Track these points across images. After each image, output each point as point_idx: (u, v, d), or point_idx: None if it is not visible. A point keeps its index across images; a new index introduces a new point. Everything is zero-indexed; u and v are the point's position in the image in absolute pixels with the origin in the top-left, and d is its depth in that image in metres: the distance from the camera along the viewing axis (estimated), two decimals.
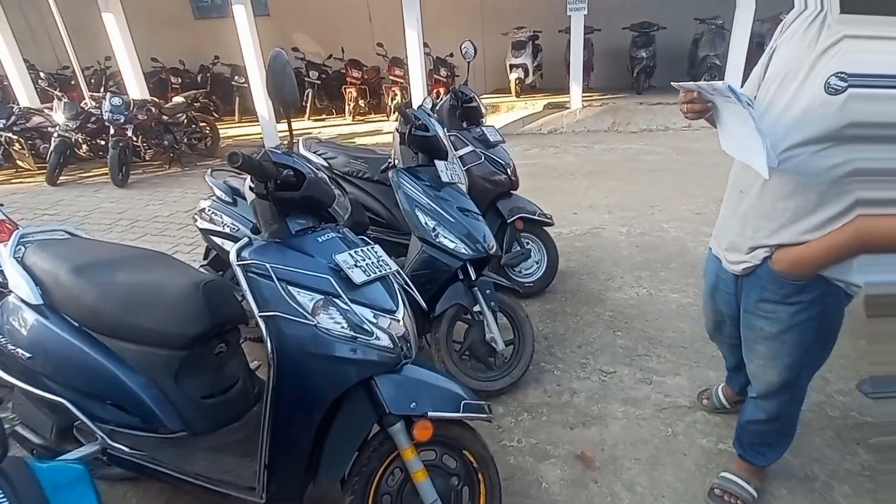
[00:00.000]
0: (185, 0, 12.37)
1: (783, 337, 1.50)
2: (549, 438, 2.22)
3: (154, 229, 5.19)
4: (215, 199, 2.60)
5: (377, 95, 10.79)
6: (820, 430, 2.17)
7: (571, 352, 2.79)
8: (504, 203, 3.19)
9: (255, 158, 1.34)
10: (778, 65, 1.34)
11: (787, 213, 1.33)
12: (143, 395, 1.63)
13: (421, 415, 1.46)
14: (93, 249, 1.87)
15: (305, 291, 1.38)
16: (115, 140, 6.54)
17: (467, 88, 3.35)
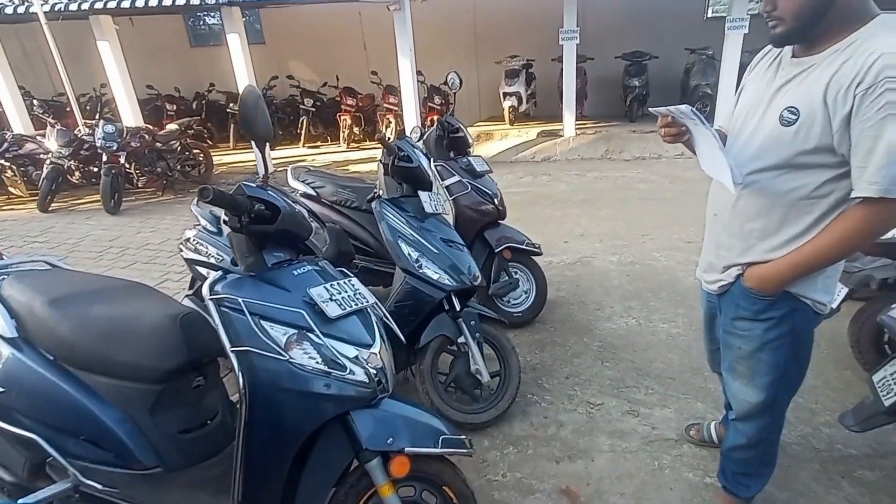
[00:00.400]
0: (181, 28, 12.63)
1: (759, 356, 1.59)
2: (534, 472, 2.21)
3: (144, 257, 5.21)
4: (201, 229, 2.64)
5: (372, 123, 10.94)
6: (806, 464, 2.18)
7: (559, 383, 2.79)
8: (491, 233, 3.23)
9: (226, 192, 1.36)
10: (744, 101, 1.53)
11: (754, 233, 1.48)
12: (117, 430, 1.62)
13: (398, 450, 1.46)
14: (71, 281, 1.89)
15: (279, 326, 1.39)
16: (108, 167, 6.60)
17: (454, 119, 3.42)
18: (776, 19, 1.31)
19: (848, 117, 1.22)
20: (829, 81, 1.25)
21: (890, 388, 1.83)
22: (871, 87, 1.17)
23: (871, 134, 1.19)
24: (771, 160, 1.38)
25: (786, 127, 1.32)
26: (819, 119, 1.27)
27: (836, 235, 1.33)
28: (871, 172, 1.21)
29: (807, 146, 1.30)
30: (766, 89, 1.43)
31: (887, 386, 1.84)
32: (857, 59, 1.20)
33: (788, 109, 1.32)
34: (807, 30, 1.29)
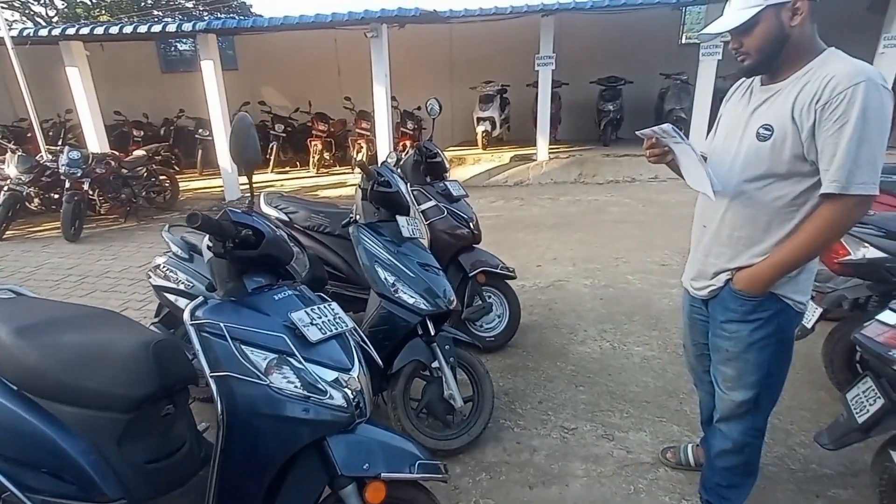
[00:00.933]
0: (152, 54, 12.67)
1: (745, 356, 1.74)
2: (507, 499, 2.23)
3: (104, 285, 5.14)
4: (171, 256, 2.63)
5: (342, 148, 11.07)
6: (782, 485, 2.25)
7: (532, 408, 2.83)
8: (466, 257, 3.29)
9: (213, 218, 1.40)
10: (723, 126, 1.78)
11: (741, 240, 1.67)
12: (81, 462, 1.60)
13: (374, 476, 1.48)
14: (38, 309, 1.87)
15: (259, 350, 1.42)
16: (70, 194, 6.52)
17: (431, 144, 3.52)
18: (743, 54, 1.57)
19: (812, 129, 1.47)
20: (794, 101, 1.50)
21: (863, 405, 1.93)
22: (828, 103, 1.43)
23: (832, 141, 1.44)
24: (754, 172, 1.60)
25: (762, 142, 1.56)
26: (790, 133, 1.51)
27: (809, 233, 1.54)
28: (832, 172, 1.45)
29: (783, 156, 1.53)
30: (742, 114, 1.68)
31: (860, 403, 1.94)
32: (815, 82, 1.47)
33: (763, 127, 1.57)
34: (769, 62, 1.56)
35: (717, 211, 1.71)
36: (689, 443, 2.40)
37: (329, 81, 11.84)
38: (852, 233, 2.65)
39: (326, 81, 11.82)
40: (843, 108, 1.40)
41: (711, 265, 1.76)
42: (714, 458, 1.94)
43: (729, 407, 1.83)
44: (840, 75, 1.42)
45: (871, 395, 1.93)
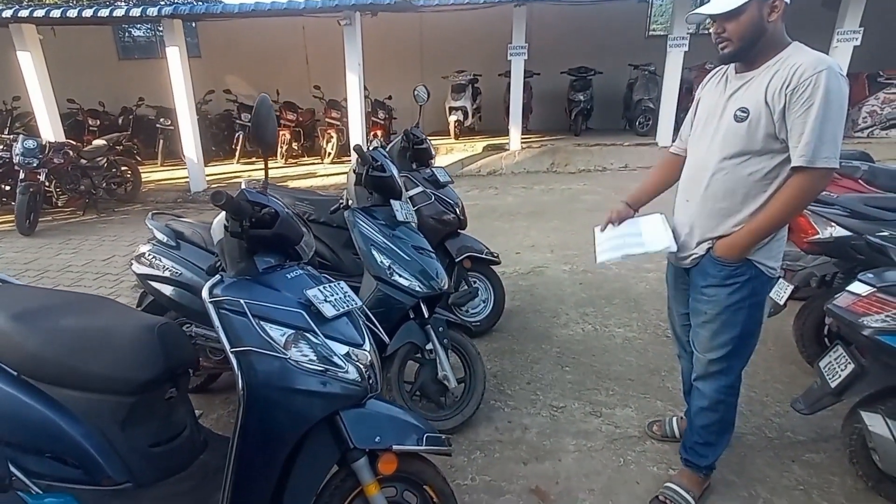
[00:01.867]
0: (109, 40, 12.26)
1: (722, 317, 1.92)
2: (502, 475, 2.32)
3: (66, 280, 5.01)
4: (156, 243, 2.61)
5: (311, 138, 10.95)
6: (760, 451, 2.41)
7: (521, 389, 2.93)
8: (452, 242, 3.37)
9: (233, 197, 1.44)
10: (702, 111, 1.98)
11: (722, 211, 1.86)
12: (86, 445, 1.61)
13: (385, 448, 1.54)
14: (30, 295, 1.86)
15: (277, 326, 1.46)
16: (25, 185, 6.30)
17: (418, 131, 3.57)
18: (725, 40, 1.73)
19: (783, 111, 1.67)
20: (767, 86, 1.70)
21: (835, 371, 2.12)
22: (796, 88, 1.64)
23: (800, 121, 1.65)
24: (732, 150, 1.80)
25: (739, 123, 1.76)
26: (764, 114, 1.71)
27: (780, 202, 1.75)
28: (801, 148, 1.66)
29: (757, 135, 1.73)
30: (719, 99, 1.87)
31: (832, 370, 2.14)
32: (784, 70, 1.68)
33: (740, 109, 1.77)
34: (747, 50, 1.74)
35: (699, 186, 1.90)
36: (674, 416, 2.54)
37: (297, 70, 11.69)
38: (820, 213, 2.83)
39: (294, 70, 11.67)
40: (810, 92, 1.61)
41: (695, 236, 1.94)
42: (693, 417, 2.11)
43: (705, 366, 2.02)
44: (805, 64, 1.63)
45: (842, 362, 2.12)
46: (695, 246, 1.95)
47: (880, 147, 7.91)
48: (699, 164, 1.91)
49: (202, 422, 2.25)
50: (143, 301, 2.88)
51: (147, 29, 12.81)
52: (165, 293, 2.53)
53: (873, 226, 2.58)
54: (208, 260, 2.32)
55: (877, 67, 9.14)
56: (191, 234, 2.62)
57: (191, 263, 2.51)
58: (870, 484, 2.13)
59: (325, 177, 9.15)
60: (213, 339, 2.50)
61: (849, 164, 3.54)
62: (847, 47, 8.16)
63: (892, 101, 9.07)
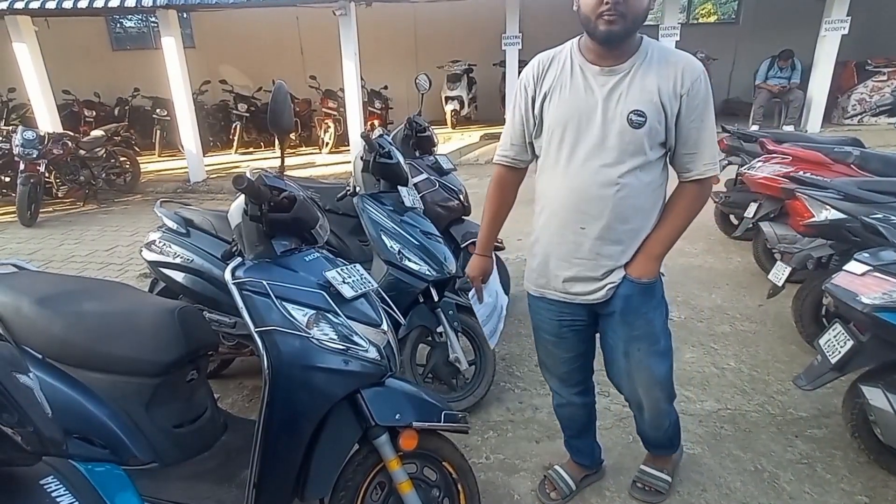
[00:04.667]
0: (102, 31, 12.08)
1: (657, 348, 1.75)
2: (516, 453, 2.35)
3: (71, 269, 4.99)
4: (166, 231, 2.61)
5: (308, 128, 10.88)
6: (764, 428, 2.45)
7: (530, 370, 2.96)
8: (457, 228, 3.38)
9: (254, 181, 1.45)
10: (563, 111, 1.60)
11: (631, 233, 1.64)
12: (112, 426, 1.63)
13: (405, 425, 1.56)
14: (51, 281, 1.87)
15: (299, 307, 1.48)
16: (26, 176, 6.22)
17: (420, 119, 3.57)
18: (618, 15, 1.41)
19: (677, 116, 1.52)
20: (658, 87, 1.50)
21: (835, 348, 2.16)
22: (689, 92, 1.50)
23: (695, 128, 1.53)
24: (632, 162, 1.55)
25: (638, 129, 1.51)
26: (661, 118, 1.51)
27: (683, 211, 1.64)
28: (705, 157, 1.56)
29: (655, 141, 1.54)
30: (587, 98, 1.55)
31: (832, 347, 2.17)
32: (668, 69, 1.50)
33: (635, 112, 1.50)
34: (629, 33, 1.48)
35: (596, 208, 1.59)
36: (557, 465, 2.18)
37: (292, 60, 11.57)
38: (815, 197, 2.87)
39: (289, 60, 11.54)
40: (702, 96, 1.50)
41: (602, 266, 1.66)
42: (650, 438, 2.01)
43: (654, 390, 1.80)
44: (688, 65, 1.51)
45: (841, 339, 2.15)
46: (603, 276, 1.67)
47: (870, 134, 7.94)
48: (586, 183, 1.58)
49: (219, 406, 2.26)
50: (154, 288, 2.88)
51: (140, 20, 12.63)
52: (177, 280, 2.54)
53: (867, 208, 2.62)
54: (219, 247, 2.33)
55: (864, 56, 9.18)
56: (200, 221, 2.62)
57: (202, 250, 2.51)
58: (871, 457, 2.18)
59: (324, 166, 9.10)
60: (226, 325, 2.50)
61: (841, 150, 3.58)
62: (835, 36, 8.18)
63: (881, 88, 9.10)
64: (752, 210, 3.90)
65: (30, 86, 8.12)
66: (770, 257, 3.88)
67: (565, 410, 2.05)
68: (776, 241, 3.47)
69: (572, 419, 2.07)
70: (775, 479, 2.16)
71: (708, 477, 2.17)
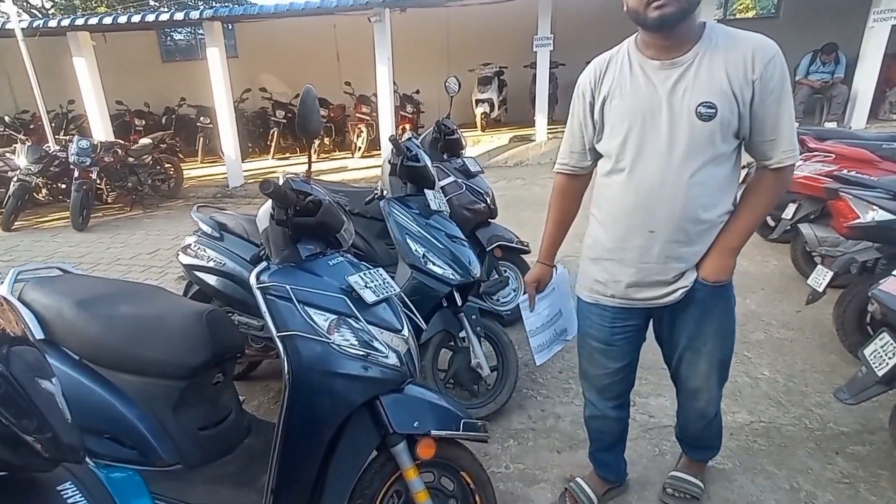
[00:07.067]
0: (153, 44, 12.53)
1: (723, 345, 1.71)
2: (536, 463, 2.27)
3: (116, 272, 5.14)
4: (201, 235, 2.65)
5: (342, 133, 11.01)
6: (801, 443, 2.29)
7: (553, 377, 2.87)
8: (483, 231, 3.32)
9: (280, 186, 1.45)
10: (626, 111, 1.53)
11: (702, 233, 1.55)
12: (141, 427, 1.65)
13: (424, 433, 1.52)
14: (91, 284, 1.91)
15: (320, 311, 1.46)
16: (79, 183, 6.48)
17: (449, 121, 3.54)
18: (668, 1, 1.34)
19: (750, 103, 1.41)
20: (727, 73, 1.40)
21: (882, 359, 1.98)
22: (762, 77, 1.39)
23: (772, 113, 1.42)
24: (704, 156, 1.46)
25: (708, 122, 1.42)
26: (731, 108, 1.42)
27: (761, 202, 1.55)
28: (783, 144, 1.45)
29: (728, 133, 1.45)
30: (650, 95, 1.47)
31: (879, 358, 2.00)
32: (736, 54, 1.40)
33: (704, 105, 1.41)
34: (683, 17, 1.38)
35: (666, 209, 1.51)
36: (579, 477, 2.07)
37: (328, 67, 11.73)
38: (861, 196, 2.69)
39: (325, 67, 11.70)
40: (777, 78, 1.39)
41: (673, 269, 1.58)
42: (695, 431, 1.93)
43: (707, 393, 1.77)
44: (759, 47, 1.40)
45: (889, 349, 1.98)
46: (674, 280, 1.59)
47: None
48: (656, 183, 1.50)
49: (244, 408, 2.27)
50: (189, 291, 2.92)
51: (188, 32, 13.01)
52: (210, 283, 2.57)
53: None
54: (251, 250, 2.34)
55: None
56: (234, 225, 2.64)
57: (234, 254, 2.53)
58: None
59: (356, 170, 9.19)
60: (255, 328, 2.52)
61: (890, 147, 3.36)
62: (885, 27, 7.64)
63: None
64: (791, 211, 3.71)
65: (86, 97, 8.49)
66: (809, 261, 3.69)
67: (597, 423, 1.95)
68: (816, 244, 3.28)
69: (603, 432, 1.96)
70: (813, 498, 2.01)
71: (739, 494, 2.04)
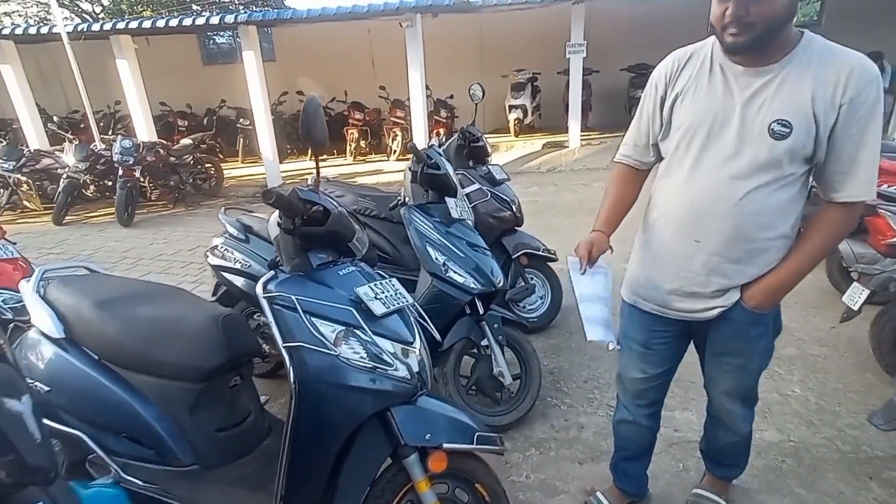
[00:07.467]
0: (195, 47, 12.84)
1: (751, 366, 1.62)
2: (557, 474, 2.21)
3: (157, 267, 5.28)
4: (228, 237, 2.67)
5: (378, 136, 11.06)
6: (832, 465, 2.17)
7: (577, 387, 2.80)
8: (509, 239, 3.26)
9: (285, 195, 1.42)
10: (695, 114, 1.42)
11: (752, 252, 1.43)
12: (158, 428, 1.66)
13: (436, 446, 1.48)
14: (113, 284, 1.93)
15: (328, 323, 1.43)
16: (124, 180, 6.70)
17: (474, 129, 3.49)
18: (745, 25, 1.24)
19: (832, 128, 1.27)
20: (813, 94, 1.27)
21: None
22: (853, 101, 1.24)
23: (854, 141, 1.27)
24: (767, 176, 1.35)
25: (779, 141, 1.30)
26: (809, 130, 1.28)
27: (824, 237, 1.40)
28: (861, 177, 1.30)
29: (799, 156, 1.32)
30: (725, 101, 1.37)
31: None
32: (830, 71, 1.25)
33: (780, 123, 1.29)
34: (768, 39, 1.27)
35: (718, 222, 1.41)
36: (599, 491, 2.03)
37: (363, 71, 11.82)
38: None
39: (361, 71, 11.80)
40: (868, 106, 1.24)
41: (713, 284, 1.48)
42: (720, 446, 1.86)
43: (733, 411, 1.72)
44: (856, 68, 1.24)
45: None
46: (714, 296, 1.50)
47: None
48: (708, 194, 1.41)
49: (269, 406, 2.28)
50: (218, 291, 2.97)
51: (228, 36, 13.30)
52: (236, 284, 2.59)
53: None
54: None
55: None
56: (259, 228, 2.66)
57: (259, 256, 2.55)
58: None
59: (391, 173, 9.21)
60: None
61: None
62: None
63: None
64: None
65: (130, 98, 8.77)
66: (846, 276, 3.50)
67: (627, 428, 1.89)
68: (853, 261, 3.11)
69: (631, 440, 1.91)
70: None
71: None
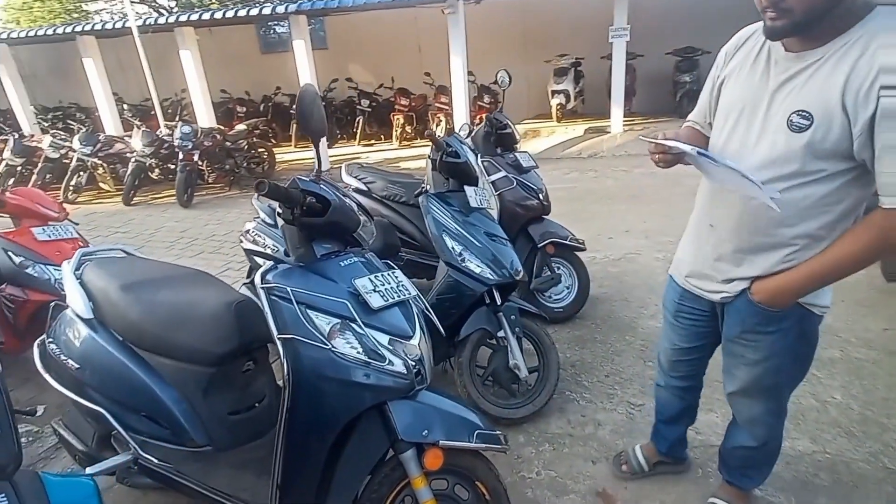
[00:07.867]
0: (253, 37, 13.07)
1: (765, 364, 1.47)
2: (569, 472, 2.10)
3: (210, 247, 5.42)
4: (259, 221, 2.68)
5: (423, 122, 10.97)
6: (876, 485, 1.93)
7: (599, 381, 2.66)
8: (535, 227, 3.12)
9: (281, 186, 1.36)
10: (732, 98, 1.34)
11: (762, 246, 1.32)
12: (174, 409, 1.67)
13: (433, 443, 1.41)
14: (143, 268, 1.95)
15: (323, 315, 1.38)
16: (183, 164, 6.92)
17: (502, 115, 3.35)
18: (782, 11, 1.10)
19: (872, 120, 1.06)
20: (845, 82, 1.08)
21: None
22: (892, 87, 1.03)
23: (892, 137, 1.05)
24: (781, 170, 1.21)
25: (796, 133, 1.16)
26: (837, 124, 1.11)
27: (860, 245, 1.18)
28: None
29: (821, 152, 1.15)
30: (760, 86, 1.25)
31: None
32: (876, 56, 1.05)
33: (799, 114, 1.15)
34: (812, 25, 1.11)
35: (730, 209, 1.33)
36: (636, 444, 2.05)
37: (410, 58, 11.72)
38: None
39: (407, 58, 11.70)
40: None
41: (723, 272, 1.41)
42: (732, 449, 1.74)
43: (747, 413, 1.62)
44: None
45: None
46: (722, 282, 1.43)
47: None
48: None
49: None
50: (251, 273, 2.99)
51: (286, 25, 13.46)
52: None
53: None
54: None
55: None
56: None
57: None
58: None
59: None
60: None
61: None
62: None
63: None
64: None
65: (192, 87, 9.04)
66: None
67: (662, 392, 1.91)
68: None
69: (667, 404, 1.91)
70: None
71: None
